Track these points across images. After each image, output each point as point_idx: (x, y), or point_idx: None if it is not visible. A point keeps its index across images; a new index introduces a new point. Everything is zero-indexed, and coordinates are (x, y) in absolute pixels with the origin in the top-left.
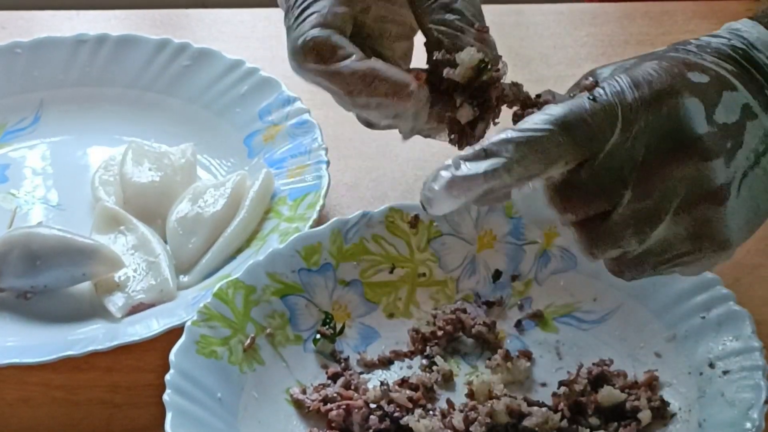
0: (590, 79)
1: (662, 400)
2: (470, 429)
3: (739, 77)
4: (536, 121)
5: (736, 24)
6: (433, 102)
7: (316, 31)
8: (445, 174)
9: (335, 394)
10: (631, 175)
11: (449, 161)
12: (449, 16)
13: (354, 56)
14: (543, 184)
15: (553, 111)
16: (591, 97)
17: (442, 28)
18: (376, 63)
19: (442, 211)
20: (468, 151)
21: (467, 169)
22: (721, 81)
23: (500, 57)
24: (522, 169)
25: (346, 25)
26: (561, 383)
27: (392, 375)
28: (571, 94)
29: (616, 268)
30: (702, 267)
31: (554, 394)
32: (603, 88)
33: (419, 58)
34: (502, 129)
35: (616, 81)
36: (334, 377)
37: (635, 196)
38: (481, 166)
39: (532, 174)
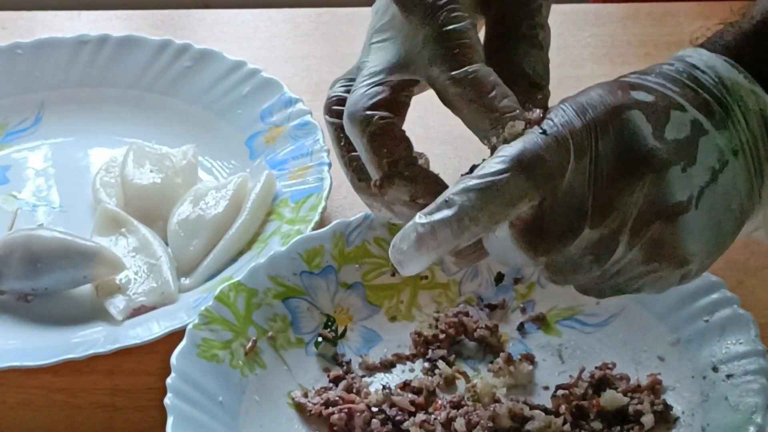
0: (536, 112)
1: (665, 404)
2: None
3: (685, 97)
4: (493, 165)
5: (680, 52)
6: None
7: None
8: (412, 233)
9: (337, 398)
10: (589, 206)
11: (415, 219)
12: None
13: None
14: (510, 233)
15: (508, 152)
16: (542, 131)
17: None
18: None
19: (415, 270)
20: (430, 206)
21: (433, 223)
22: (667, 100)
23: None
24: (487, 216)
25: None
26: (558, 387)
27: (394, 378)
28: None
29: (580, 289)
30: (665, 285)
31: (554, 396)
32: (551, 119)
33: None
34: (459, 179)
35: (563, 110)
36: (335, 380)
37: (594, 226)
38: (447, 217)
39: (498, 219)
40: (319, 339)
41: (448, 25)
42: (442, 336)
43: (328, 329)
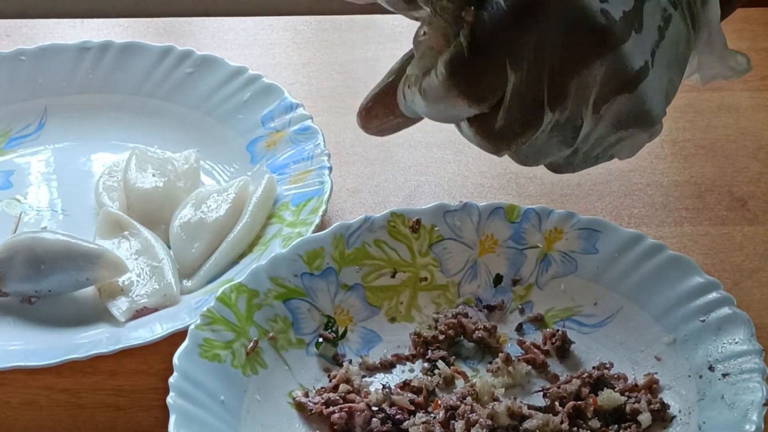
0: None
1: (662, 403)
2: (471, 431)
3: None
4: (433, 77)
5: None
6: None
7: None
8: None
9: (337, 397)
10: (545, 89)
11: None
12: None
13: None
14: (471, 131)
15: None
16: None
17: None
18: None
19: (439, 107)
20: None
21: None
22: None
23: None
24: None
25: None
26: (545, 389)
27: (394, 378)
28: None
29: (551, 168)
30: (636, 147)
31: (545, 395)
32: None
33: None
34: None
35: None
36: (336, 384)
37: (554, 109)
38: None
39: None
40: (320, 340)
41: None
42: (441, 337)
43: (329, 330)
